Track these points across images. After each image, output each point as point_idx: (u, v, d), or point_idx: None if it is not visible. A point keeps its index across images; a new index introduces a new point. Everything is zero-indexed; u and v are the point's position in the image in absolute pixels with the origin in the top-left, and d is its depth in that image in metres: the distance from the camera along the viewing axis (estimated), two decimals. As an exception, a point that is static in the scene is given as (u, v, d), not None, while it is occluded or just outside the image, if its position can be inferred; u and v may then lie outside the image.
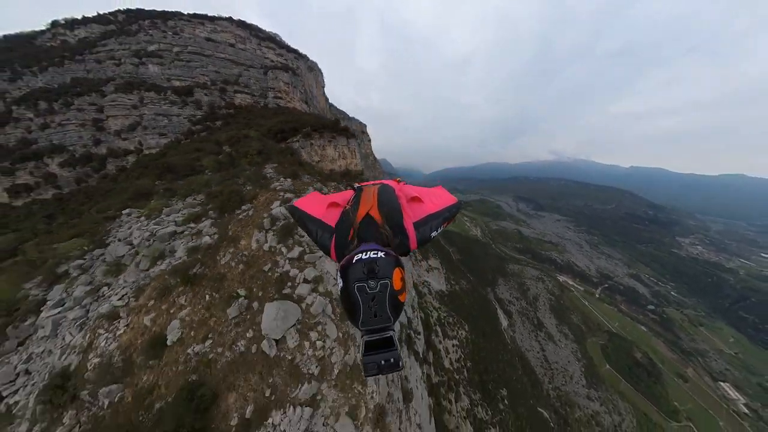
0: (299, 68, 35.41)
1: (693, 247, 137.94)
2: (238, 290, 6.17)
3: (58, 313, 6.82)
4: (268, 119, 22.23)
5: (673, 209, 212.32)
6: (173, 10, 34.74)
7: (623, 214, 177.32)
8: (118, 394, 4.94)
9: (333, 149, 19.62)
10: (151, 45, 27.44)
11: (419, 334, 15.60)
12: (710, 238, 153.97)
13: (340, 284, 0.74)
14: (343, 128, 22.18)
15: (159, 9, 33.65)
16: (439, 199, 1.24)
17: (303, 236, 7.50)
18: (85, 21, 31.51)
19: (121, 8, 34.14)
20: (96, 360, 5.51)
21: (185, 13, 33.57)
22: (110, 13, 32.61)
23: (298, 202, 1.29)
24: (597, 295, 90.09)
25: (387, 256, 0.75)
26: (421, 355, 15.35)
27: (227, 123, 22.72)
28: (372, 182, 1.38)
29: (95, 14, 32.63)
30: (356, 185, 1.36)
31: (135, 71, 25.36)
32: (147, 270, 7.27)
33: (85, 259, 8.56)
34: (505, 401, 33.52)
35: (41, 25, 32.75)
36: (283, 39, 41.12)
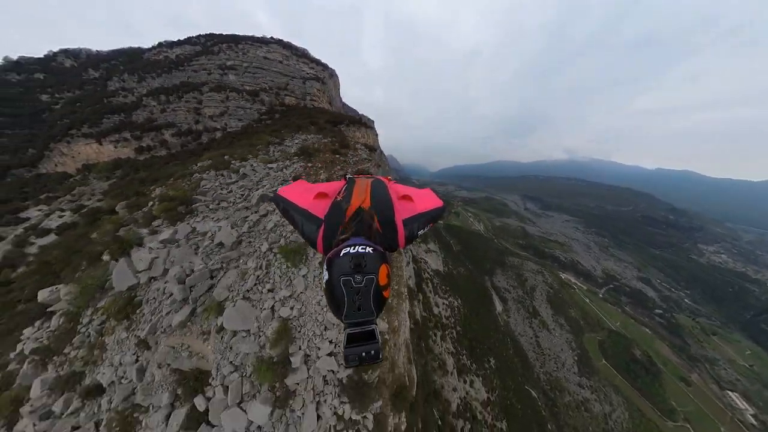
0: (325, 77, 44.25)
1: (716, 256, 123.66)
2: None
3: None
4: (315, 114, 30.06)
5: (698, 215, 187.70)
6: (234, 34, 45.03)
7: (639, 216, 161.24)
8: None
9: (359, 133, 29.10)
10: (229, 61, 37.37)
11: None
12: (739, 247, 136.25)
13: (326, 276, 0.71)
14: (364, 122, 32.78)
15: (228, 33, 44.22)
16: (427, 200, 1.20)
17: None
18: (180, 43, 42.84)
19: (202, 33, 44.50)
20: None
21: (240, 35, 43.31)
22: (196, 37, 43.54)
23: (282, 191, 1.19)
24: (600, 295, 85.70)
25: (375, 251, 0.73)
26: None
27: (284, 116, 31.16)
28: (364, 176, 1.40)
29: (186, 38, 43.56)
30: (348, 176, 1.36)
31: (220, 79, 35.30)
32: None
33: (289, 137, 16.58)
34: (492, 365, 34.66)
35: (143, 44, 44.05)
36: (303, 48, 47.81)
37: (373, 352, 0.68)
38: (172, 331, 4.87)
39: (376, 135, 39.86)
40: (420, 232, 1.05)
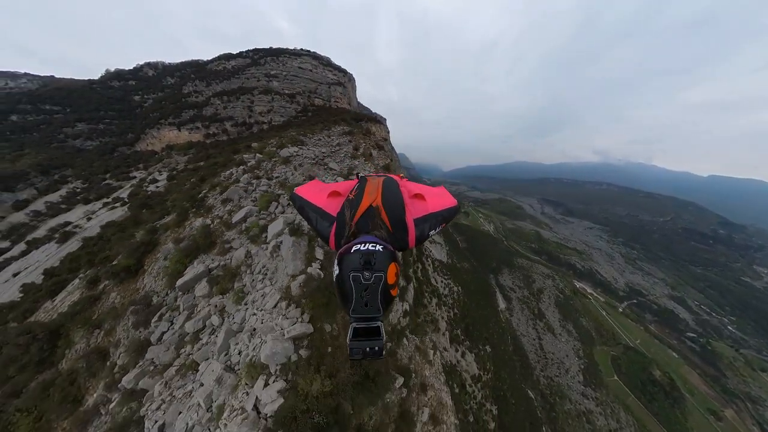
0: (345, 82, 51.52)
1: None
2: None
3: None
4: (341, 113, 36.89)
5: (761, 232, 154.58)
6: (277, 47, 53.58)
7: (679, 229, 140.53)
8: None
9: (375, 128, 34.93)
10: (273, 71, 45.93)
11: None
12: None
13: (336, 271, 0.73)
14: (378, 120, 40.98)
15: (270, 47, 53.44)
16: (440, 199, 1.18)
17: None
18: (234, 56, 51.79)
19: (250, 48, 53.61)
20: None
21: (280, 48, 51.80)
22: (246, 52, 52.33)
23: (299, 190, 1.26)
24: (620, 309, 77.52)
25: (385, 250, 0.74)
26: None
27: (315, 114, 38.57)
28: (375, 174, 1.39)
29: (238, 52, 52.33)
30: (360, 175, 1.37)
31: (267, 84, 44.07)
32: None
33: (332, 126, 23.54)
34: (488, 352, 33.61)
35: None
36: (326, 57, 56.15)
37: (377, 348, 0.71)
38: (304, 164, 13.87)
39: (388, 131, 44.43)
40: (432, 233, 1.04)
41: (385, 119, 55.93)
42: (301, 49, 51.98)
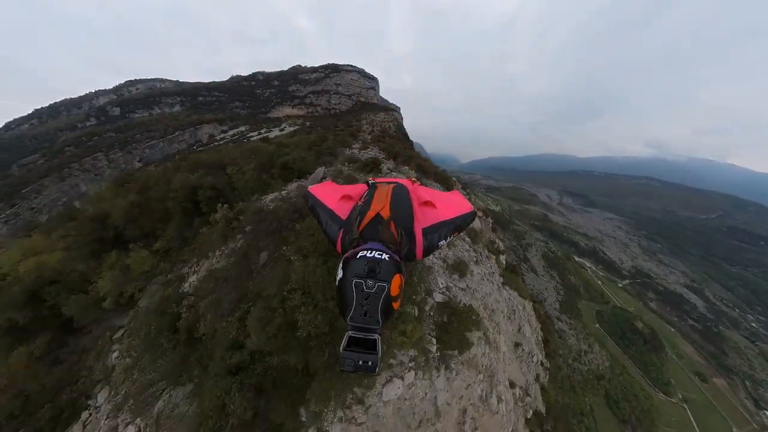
0: (375, 86, 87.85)
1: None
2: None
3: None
4: (377, 106, 73.56)
5: None
6: (334, 63, 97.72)
7: (724, 227, 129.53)
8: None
9: (396, 114, 66.85)
10: (337, 81, 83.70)
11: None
12: None
13: (339, 275, 0.74)
14: (393, 108, 74.51)
15: (331, 63, 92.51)
16: (454, 206, 1.17)
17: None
18: (313, 70, 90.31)
19: (323, 64, 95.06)
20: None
21: (339, 64, 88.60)
22: (320, 67, 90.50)
23: (312, 189, 1.31)
24: (620, 285, 77.52)
25: (391, 259, 0.74)
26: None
27: (363, 106, 74.39)
28: (386, 180, 1.42)
29: (314, 67, 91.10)
30: (370, 181, 1.38)
31: (336, 88, 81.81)
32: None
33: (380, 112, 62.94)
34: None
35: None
36: (361, 68, 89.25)
37: (370, 363, 0.69)
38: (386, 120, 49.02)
39: (401, 116, 77.96)
40: (441, 243, 1.04)
41: (399, 107, 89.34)
42: (349, 65, 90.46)
